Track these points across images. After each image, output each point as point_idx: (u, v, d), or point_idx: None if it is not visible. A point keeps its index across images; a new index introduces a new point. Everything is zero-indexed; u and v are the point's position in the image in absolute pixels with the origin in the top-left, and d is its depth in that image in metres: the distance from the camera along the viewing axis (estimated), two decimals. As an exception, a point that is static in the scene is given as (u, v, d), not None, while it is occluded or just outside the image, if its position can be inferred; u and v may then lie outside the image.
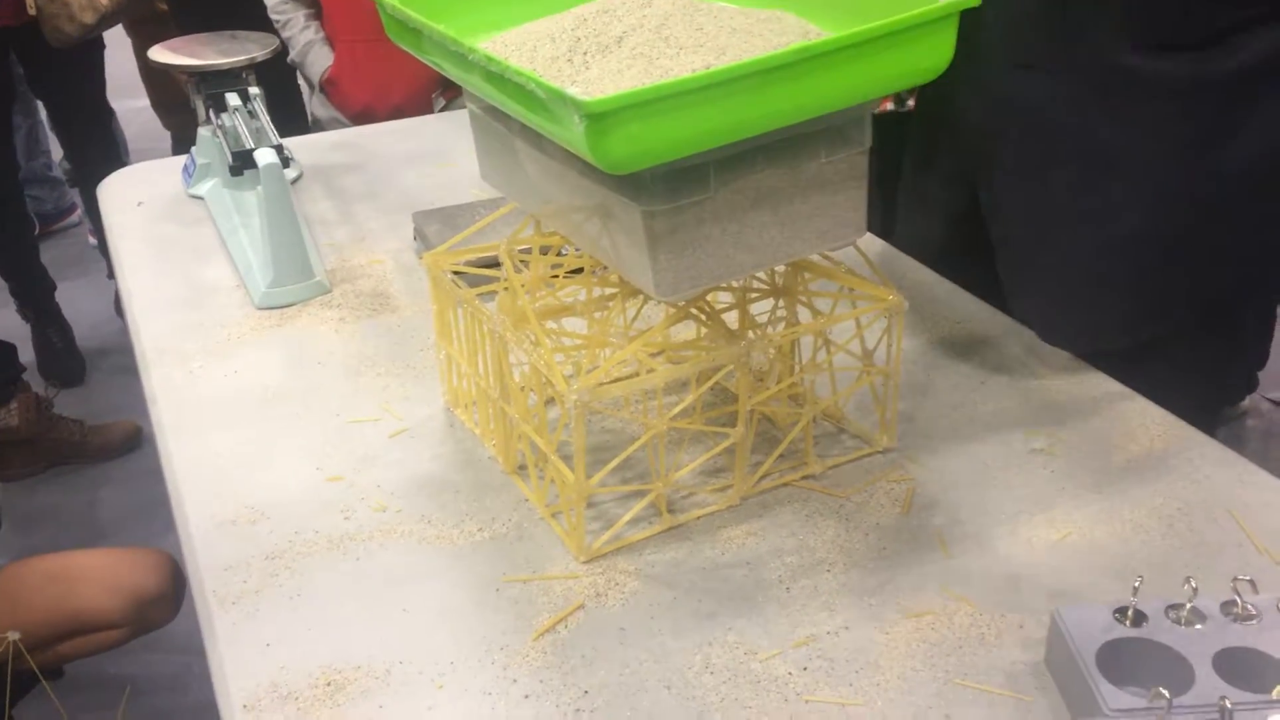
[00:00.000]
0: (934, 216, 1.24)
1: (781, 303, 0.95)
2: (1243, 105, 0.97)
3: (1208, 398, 1.13)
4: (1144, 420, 0.99)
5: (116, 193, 1.55)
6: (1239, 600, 0.72)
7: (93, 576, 1.49)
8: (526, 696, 0.74)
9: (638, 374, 0.95)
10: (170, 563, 1.56)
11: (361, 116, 2.10)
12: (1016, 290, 1.13)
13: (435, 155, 1.63)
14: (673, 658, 0.77)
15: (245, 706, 0.74)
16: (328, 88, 2.13)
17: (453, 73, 0.83)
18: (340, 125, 2.13)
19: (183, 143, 3.35)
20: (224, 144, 1.35)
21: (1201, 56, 0.96)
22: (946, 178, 1.19)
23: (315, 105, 2.20)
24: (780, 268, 0.92)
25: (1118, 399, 1.02)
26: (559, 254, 0.97)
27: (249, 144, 1.30)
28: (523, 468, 0.96)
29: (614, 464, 0.86)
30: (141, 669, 1.88)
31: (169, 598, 1.54)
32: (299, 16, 2.16)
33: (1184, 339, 1.07)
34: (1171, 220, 1.00)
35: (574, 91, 0.65)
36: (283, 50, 1.59)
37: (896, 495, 0.92)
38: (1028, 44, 1.02)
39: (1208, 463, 0.94)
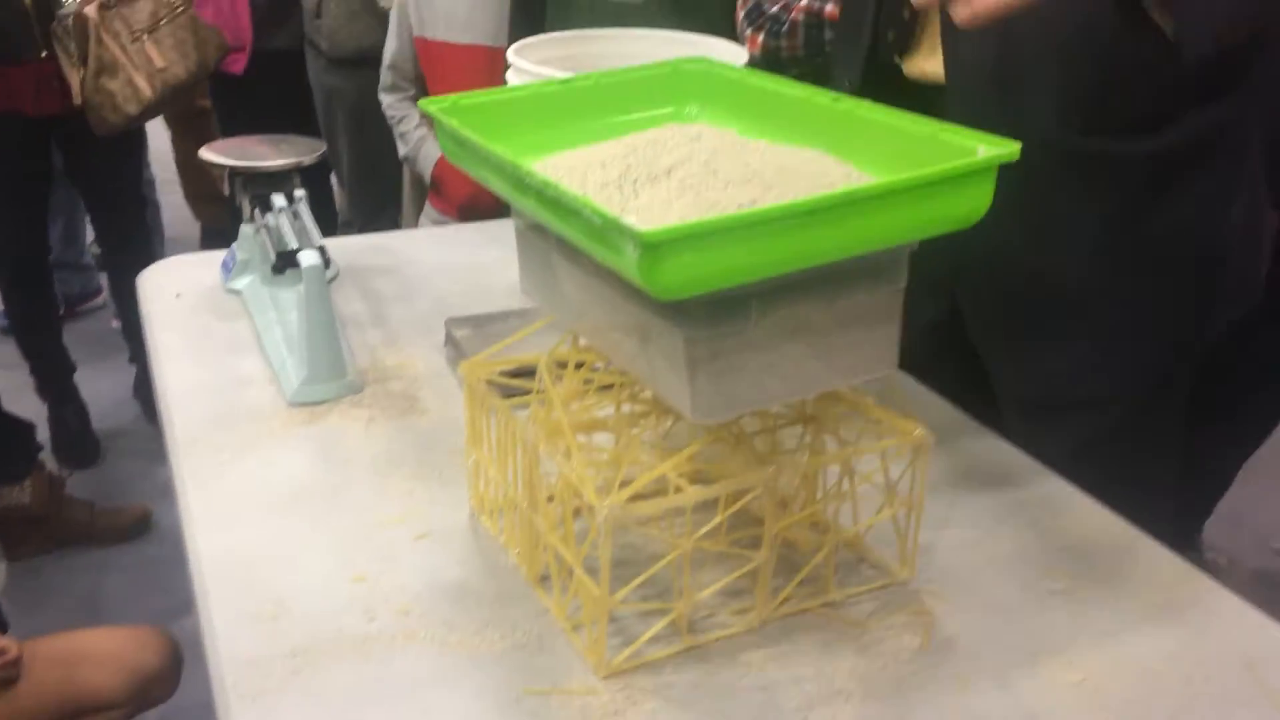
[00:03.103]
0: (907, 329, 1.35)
1: (808, 430, 0.97)
2: (1162, 182, 1.13)
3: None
4: (1160, 567, 1.00)
5: (155, 283, 1.59)
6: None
7: (96, 657, 1.51)
8: (543, 812, 0.74)
9: (665, 491, 0.97)
10: (170, 641, 1.61)
11: (467, 210, 2.19)
12: (989, 354, 1.30)
13: (467, 264, 1.67)
14: (690, 780, 0.77)
15: (262, 805, 0.74)
16: (438, 181, 2.24)
17: (504, 192, 0.86)
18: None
19: (212, 234, 3.42)
20: (267, 243, 1.39)
21: (1134, 136, 1.12)
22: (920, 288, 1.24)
23: (423, 216, 2.32)
24: (810, 396, 0.95)
25: (1135, 544, 1.03)
26: (592, 369, 0.99)
27: (293, 244, 1.33)
28: (545, 578, 0.96)
29: (639, 581, 0.87)
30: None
31: (169, 675, 1.58)
32: (414, 114, 2.35)
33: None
34: (1104, 280, 1.18)
35: (630, 220, 0.68)
36: (325, 155, 1.64)
37: (915, 628, 0.92)
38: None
39: (1226, 612, 0.94)
